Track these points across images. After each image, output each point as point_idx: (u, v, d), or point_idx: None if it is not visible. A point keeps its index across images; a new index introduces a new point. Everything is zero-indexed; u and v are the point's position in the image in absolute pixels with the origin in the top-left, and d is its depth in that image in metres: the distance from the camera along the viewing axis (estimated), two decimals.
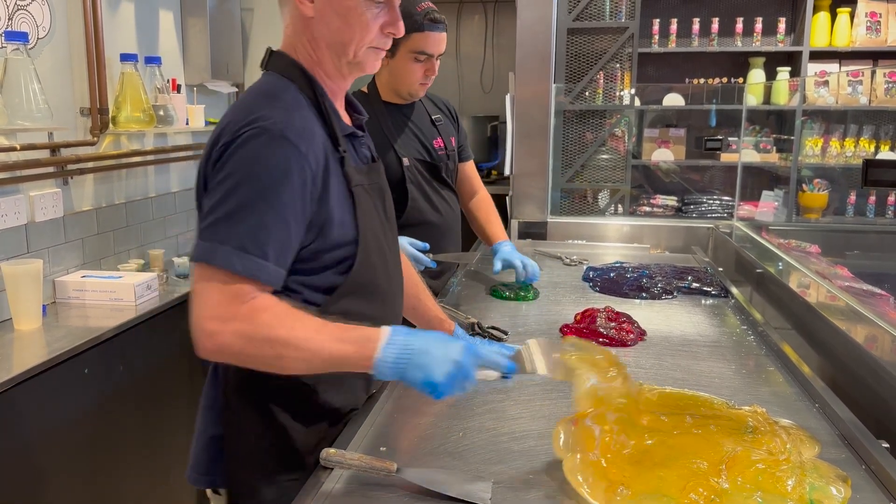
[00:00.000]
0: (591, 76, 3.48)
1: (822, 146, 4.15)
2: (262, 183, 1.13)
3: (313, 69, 1.30)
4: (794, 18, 4.55)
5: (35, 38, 2.39)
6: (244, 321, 1.11)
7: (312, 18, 1.26)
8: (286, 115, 1.18)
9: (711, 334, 1.87)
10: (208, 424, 1.35)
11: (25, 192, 2.36)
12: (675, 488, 1.02)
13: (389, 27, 1.27)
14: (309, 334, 1.12)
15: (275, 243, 1.14)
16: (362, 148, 1.37)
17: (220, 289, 1.11)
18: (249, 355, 1.13)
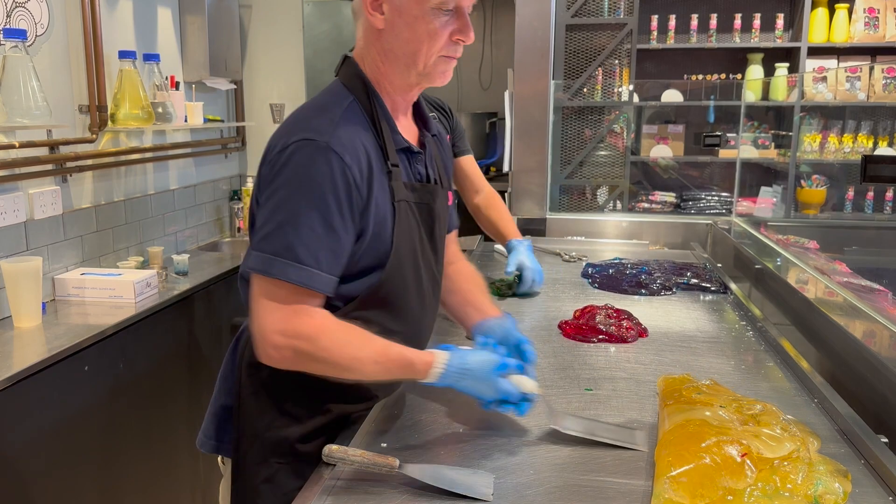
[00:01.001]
0: (590, 73, 3.48)
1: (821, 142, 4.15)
2: (311, 193, 1.17)
3: (379, 81, 1.30)
4: (793, 14, 4.55)
5: (33, 35, 2.39)
6: (307, 341, 1.18)
7: (383, 30, 1.26)
8: (333, 127, 1.21)
9: (710, 330, 1.88)
10: (221, 393, 1.43)
11: (24, 190, 2.36)
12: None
13: (459, 34, 1.26)
14: (367, 366, 1.21)
15: (326, 251, 1.18)
16: (418, 164, 1.36)
17: (281, 301, 1.18)
18: (310, 370, 1.22)
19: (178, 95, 3.06)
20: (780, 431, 1.13)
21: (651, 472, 1.16)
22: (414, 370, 1.24)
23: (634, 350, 1.72)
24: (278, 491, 1.33)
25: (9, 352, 2.02)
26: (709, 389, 1.31)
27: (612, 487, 1.12)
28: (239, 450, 1.37)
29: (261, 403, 1.33)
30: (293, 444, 1.33)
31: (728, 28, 4.54)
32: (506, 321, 1.46)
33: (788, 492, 1.04)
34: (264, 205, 1.20)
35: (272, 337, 1.18)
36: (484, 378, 1.24)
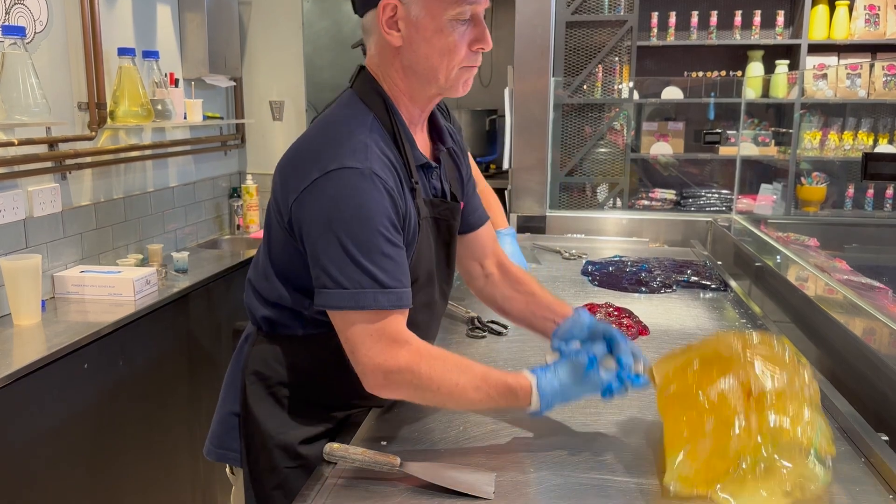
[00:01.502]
0: (590, 70, 3.48)
1: (821, 139, 4.15)
2: (370, 220, 1.15)
3: (397, 96, 1.28)
4: (793, 11, 4.55)
5: (32, 32, 2.38)
6: (410, 374, 1.17)
7: (401, 48, 1.23)
8: (368, 151, 1.19)
9: (711, 328, 1.87)
10: (226, 401, 1.41)
11: (24, 187, 2.36)
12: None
13: (478, 43, 1.24)
14: (468, 393, 1.18)
15: (401, 269, 1.19)
16: (433, 179, 1.35)
17: (378, 334, 1.17)
18: (415, 399, 1.23)
19: (177, 93, 3.06)
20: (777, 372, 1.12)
21: (652, 469, 1.16)
22: (516, 396, 1.20)
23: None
24: (290, 496, 1.32)
25: (8, 349, 2.02)
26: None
27: (613, 486, 1.12)
28: (249, 458, 1.35)
29: (267, 410, 1.32)
30: (299, 449, 1.33)
31: (728, 25, 4.53)
32: (581, 317, 1.42)
33: (790, 443, 1.06)
34: (320, 241, 1.17)
35: (376, 374, 1.17)
36: (582, 383, 1.21)
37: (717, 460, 1.07)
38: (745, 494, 1.05)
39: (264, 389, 1.33)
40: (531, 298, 1.50)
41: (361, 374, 1.18)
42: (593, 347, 1.26)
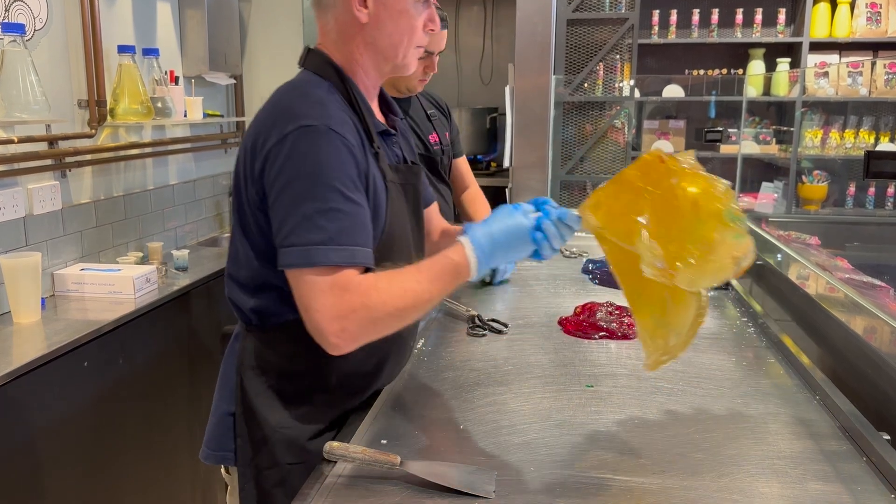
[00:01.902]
0: (591, 68, 3.47)
1: (822, 137, 4.15)
2: (327, 176, 1.16)
3: (353, 69, 1.31)
4: (794, 9, 4.54)
5: (32, 29, 2.38)
6: (363, 309, 1.16)
7: (366, 24, 1.27)
8: (325, 110, 1.21)
9: (711, 326, 1.87)
10: (221, 401, 1.40)
11: (23, 185, 2.35)
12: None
13: (430, 23, 1.30)
14: (418, 293, 1.19)
15: (357, 226, 1.19)
16: (394, 147, 1.38)
17: (329, 286, 1.16)
18: (379, 332, 1.21)
19: (177, 90, 3.05)
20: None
21: (653, 468, 1.16)
22: (455, 266, 1.21)
23: (636, 347, 1.71)
24: (291, 493, 1.30)
25: (8, 347, 2.02)
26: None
27: (614, 485, 1.11)
28: (244, 456, 1.34)
29: (268, 405, 1.32)
30: (305, 444, 1.32)
31: (729, 23, 4.53)
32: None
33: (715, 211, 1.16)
34: (279, 201, 1.18)
35: (331, 326, 1.16)
36: (511, 230, 1.21)
37: (670, 241, 1.14)
38: (705, 276, 1.15)
39: (263, 383, 1.33)
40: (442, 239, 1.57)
41: (317, 332, 1.17)
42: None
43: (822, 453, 1.21)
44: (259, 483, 1.33)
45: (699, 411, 1.36)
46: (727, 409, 1.37)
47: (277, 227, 1.19)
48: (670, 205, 1.15)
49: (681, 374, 1.54)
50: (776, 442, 1.25)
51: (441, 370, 1.58)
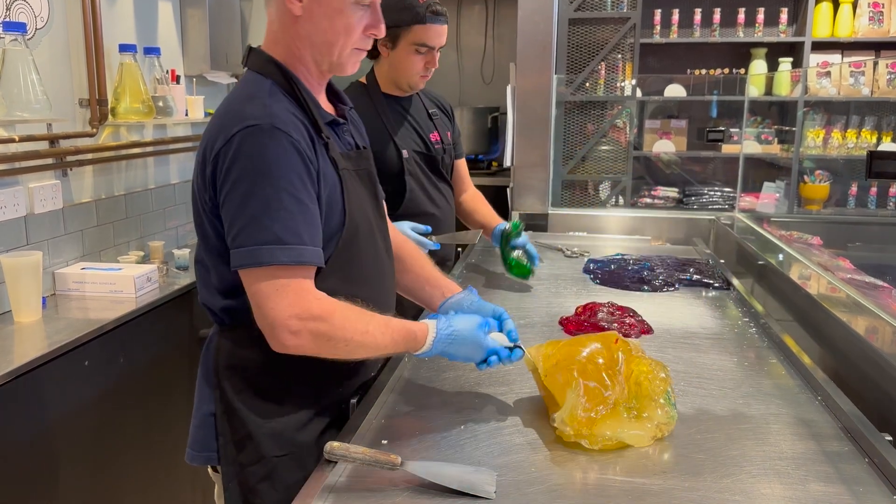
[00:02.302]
0: (593, 67, 3.47)
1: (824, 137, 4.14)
2: (273, 175, 1.18)
3: (294, 64, 1.33)
4: (797, 9, 4.53)
5: (33, 28, 2.37)
6: (322, 321, 1.20)
7: (300, 17, 1.29)
8: (269, 109, 1.23)
9: (713, 327, 1.87)
10: (201, 403, 1.41)
11: (24, 184, 2.35)
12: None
13: (371, 29, 1.31)
14: (377, 338, 1.25)
15: (305, 226, 1.20)
16: (346, 135, 1.39)
17: (284, 286, 1.19)
18: (325, 351, 1.23)
19: (178, 89, 3.05)
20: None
21: (654, 470, 1.16)
22: (415, 339, 1.30)
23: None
24: (280, 486, 1.33)
25: (9, 346, 2.02)
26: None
27: (614, 486, 1.11)
28: (228, 455, 1.35)
29: (250, 401, 1.33)
30: (292, 436, 1.33)
31: (731, 22, 4.52)
32: (471, 295, 1.52)
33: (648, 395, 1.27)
34: (227, 202, 1.21)
35: (288, 323, 1.18)
36: (472, 338, 1.32)
37: (595, 406, 1.23)
38: (623, 429, 1.22)
39: (241, 382, 1.34)
40: (423, 273, 1.60)
41: (269, 329, 1.19)
42: (488, 318, 1.39)
43: (824, 454, 1.21)
44: (243, 480, 1.34)
45: (701, 412, 1.36)
46: (729, 410, 1.37)
47: (227, 228, 1.22)
48: (614, 375, 1.27)
49: (682, 375, 1.53)
50: (778, 443, 1.24)
51: (442, 370, 1.58)
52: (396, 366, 1.57)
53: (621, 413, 1.24)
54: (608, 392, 1.24)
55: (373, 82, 2.24)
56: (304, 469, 1.28)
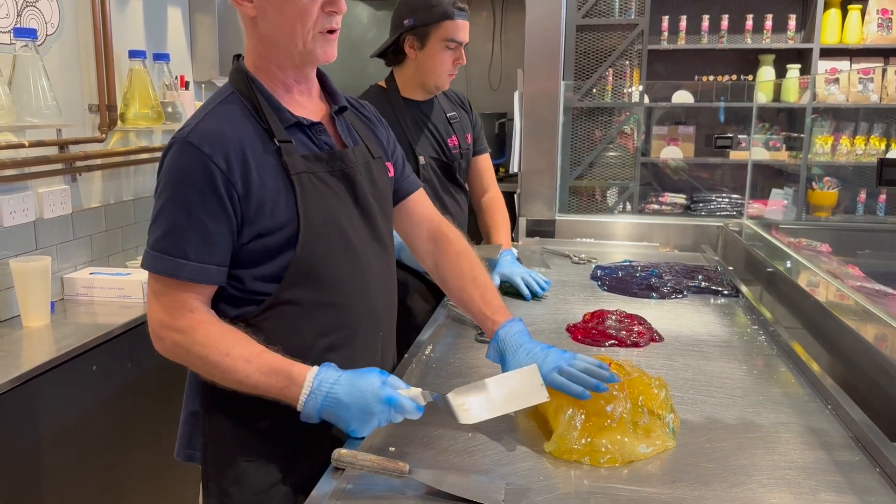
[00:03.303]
0: (600, 73, 3.46)
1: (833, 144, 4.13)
2: (171, 188, 1.23)
3: (265, 67, 1.33)
4: (805, 16, 4.53)
5: (44, 34, 2.39)
6: (182, 334, 1.24)
7: (256, 17, 1.29)
8: (197, 122, 1.27)
9: (722, 334, 1.86)
10: (188, 400, 1.44)
11: (34, 189, 2.36)
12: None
13: (330, 6, 1.27)
14: (238, 364, 1.21)
15: (192, 241, 1.22)
16: (321, 136, 1.36)
17: (160, 294, 1.25)
18: (188, 363, 1.28)
19: (187, 95, 3.06)
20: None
21: (662, 479, 1.15)
22: (290, 380, 1.19)
23: (645, 354, 1.71)
24: (248, 491, 1.34)
25: (17, 351, 2.02)
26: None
27: (623, 494, 1.11)
28: (206, 454, 1.37)
29: (224, 403, 1.32)
30: (262, 441, 1.34)
31: (739, 29, 4.51)
32: (514, 330, 1.43)
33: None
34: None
35: (155, 327, 1.26)
36: (352, 404, 1.17)
37: (595, 427, 1.22)
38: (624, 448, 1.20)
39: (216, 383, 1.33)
40: (467, 287, 1.52)
41: (149, 328, 1.27)
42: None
43: (834, 464, 1.20)
44: (217, 481, 1.37)
45: (710, 420, 1.35)
46: (738, 419, 1.36)
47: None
48: (610, 396, 1.25)
49: (691, 383, 1.53)
50: (788, 452, 1.24)
51: (449, 377, 1.58)
52: (403, 373, 1.57)
53: (625, 430, 1.22)
54: (604, 414, 1.23)
55: (393, 87, 2.23)
56: (271, 476, 1.33)
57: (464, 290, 1.52)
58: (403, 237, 1.61)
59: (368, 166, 1.42)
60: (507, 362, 1.38)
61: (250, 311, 1.30)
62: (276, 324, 1.30)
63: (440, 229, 1.58)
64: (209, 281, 1.25)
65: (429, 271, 1.61)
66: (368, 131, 1.50)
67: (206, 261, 1.23)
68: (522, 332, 1.42)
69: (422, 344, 1.75)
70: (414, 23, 2.10)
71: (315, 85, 1.42)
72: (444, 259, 1.55)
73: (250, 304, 1.30)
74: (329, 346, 1.34)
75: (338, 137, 1.40)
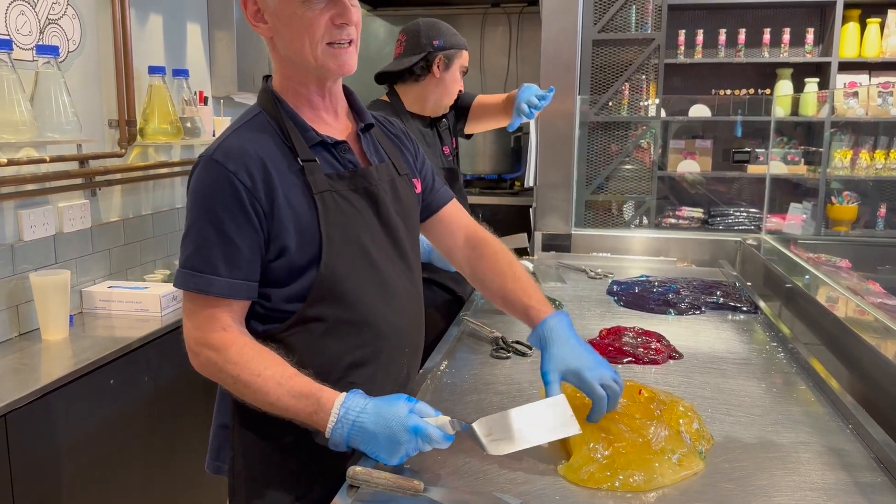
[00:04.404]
0: (617, 88, 3.46)
1: (852, 158, 4.09)
2: (199, 205, 1.25)
3: (290, 87, 1.35)
4: (823, 29, 4.50)
5: (65, 51, 2.42)
6: (216, 351, 1.24)
7: (273, 38, 1.32)
8: (223, 141, 1.28)
9: (741, 351, 1.84)
10: (218, 413, 1.45)
11: (54, 204, 2.39)
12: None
13: (339, 18, 1.27)
14: (269, 385, 1.21)
15: (222, 257, 1.24)
16: (346, 155, 1.37)
17: (193, 311, 1.26)
18: (221, 381, 1.28)
19: (206, 110, 3.09)
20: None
21: (684, 499, 1.14)
22: (319, 404, 1.18)
23: (663, 371, 1.69)
24: None
25: (36, 364, 2.04)
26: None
27: None
28: (234, 467, 1.38)
29: (253, 417, 1.32)
30: (286, 456, 1.34)
31: (757, 43, 4.50)
32: (558, 322, 1.39)
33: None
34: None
35: (190, 344, 1.27)
36: (379, 433, 1.15)
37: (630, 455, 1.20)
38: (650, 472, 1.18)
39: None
40: (508, 283, 1.50)
41: (187, 350, 1.28)
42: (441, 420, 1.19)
43: (856, 485, 1.18)
44: (243, 494, 1.37)
45: (728, 439, 1.34)
46: (757, 438, 1.35)
47: None
48: (634, 424, 1.26)
49: (710, 401, 1.51)
50: (808, 472, 1.22)
51: (464, 393, 1.57)
52: (418, 389, 1.56)
53: (660, 457, 1.20)
54: (622, 442, 1.22)
55: (397, 101, 2.27)
56: (292, 493, 1.34)
57: (505, 287, 1.51)
58: (441, 248, 1.62)
59: (393, 183, 1.42)
60: (549, 352, 1.36)
61: (276, 327, 1.31)
62: (301, 340, 1.30)
63: (476, 234, 1.59)
64: (240, 296, 1.26)
65: (467, 276, 1.61)
66: (395, 148, 1.50)
67: (237, 276, 1.25)
68: (570, 327, 1.40)
69: (436, 360, 1.75)
70: (443, 45, 2.23)
71: (342, 103, 1.43)
72: (482, 261, 1.55)
73: (276, 322, 1.31)
74: (354, 363, 1.34)
75: (362, 155, 1.40)
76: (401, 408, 1.16)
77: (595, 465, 1.18)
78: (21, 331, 2.27)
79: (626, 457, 1.19)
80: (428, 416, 1.18)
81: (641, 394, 1.34)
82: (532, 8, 5.17)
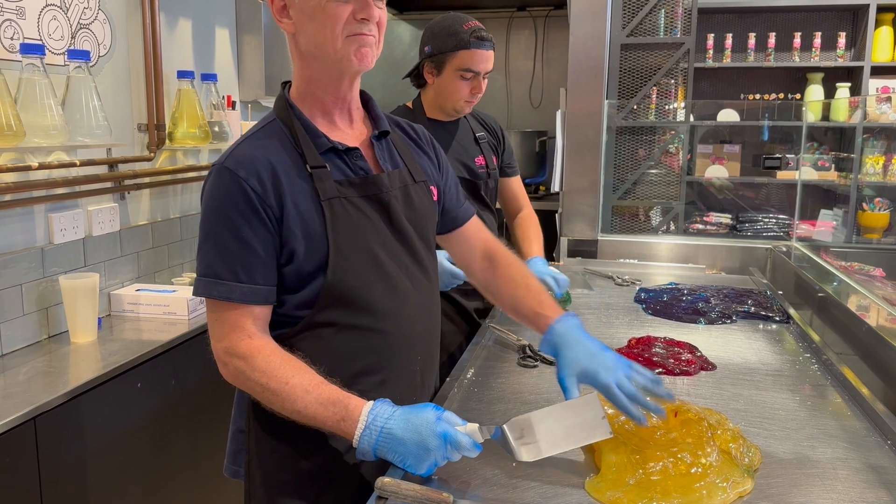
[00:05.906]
0: (645, 92, 3.43)
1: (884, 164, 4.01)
2: (214, 213, 1.26)
3: (308, 90, 1.35)
4: (855, 33, 4.43)
5: (96, 56, 2.44)
6: (244, 360, 1.24)
7: (296, 34, 1.31)
8: (234, 149, 1.30)
9: (773, 362, 1.81)
10: (236, 418, 1.47)
11: (84, 207, 2.41)
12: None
13: (360, 13, 1.27)
14: (297, 393, 1.21)
15: (241, 262, 1.25)
16: (357, 161, 1.36)
17: (218, 319, 1.27)
18: (249, 390, 1.28)
19: (234, 115, 3.11)
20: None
21: None
22: (347, 411, 1.18)
23: (694, 383, 1.67)
24: None
25: (65, 367, 2.06)
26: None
27: None
28: (250, 472, 1.39)
29: (269, 421, 1.32)
30: (301, 461, 1.34)
31: (787, 47, 4.44)
32: (569, 324, 1.40)
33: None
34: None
35: (220, 354, 1.27)
36: (408, 439, 1.14)
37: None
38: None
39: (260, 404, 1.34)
40: (520, 292, 1.51)
41: (216, 360, 1.28)
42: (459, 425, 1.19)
43: None
44: (257, 499, 1.37)
45: (763, 454, 1.31)
46: (793, 453, 1.32)
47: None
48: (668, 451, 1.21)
49: (742, 414, 1.48)
50: (847, 490, 1.19)
51: (491, 402, 1.56)
52: (445, 398, 1.55)
53: (711, 485, 1.16)
54: (656, 464, 1.18)
55: (418, 108, 2.26)
56: (304, 500, 1.33)
57: (516, 297, 1.51)
58: (459, 260, 1.63)
59: (406, 190, 1.41)
60: (562, 357, 1.35)
61: (286, 332, 1.31)
62: (310, 344, 1.31)
63: (492, 247, 1.60)
64: (261, 301, 1.26)
65: (480, 288, 1.61)
66: (415, 155, 1.49)
67: (257, 281, 1.25)
68: (579, 327, 1.39)
69: (463, 367, 1.74)
70: (432, 51, 2.15)
71: (359, 108, 1.43)
72: (496, 272, 1.56)
73: (286, 326, 1.32)
74: (363, 370, 1.33)
75: (375, 162, 1.39)
76: (429, 414, 1.16)
77: (622, 490, 1.15)
78: (50, 333, 2.29)
79: (661, 484, 1.15)
80: (456, 424, 1.18)
81: (677, 416, 1.30)
82: (558, 11, 5.15)
